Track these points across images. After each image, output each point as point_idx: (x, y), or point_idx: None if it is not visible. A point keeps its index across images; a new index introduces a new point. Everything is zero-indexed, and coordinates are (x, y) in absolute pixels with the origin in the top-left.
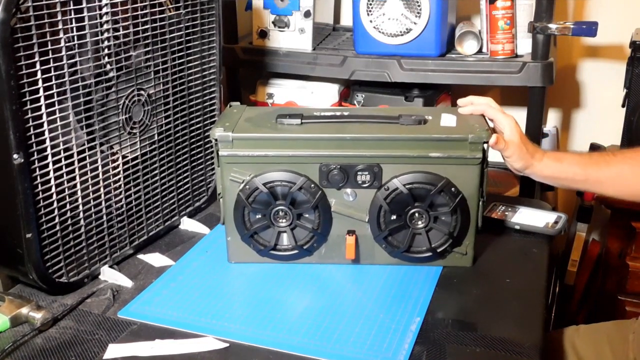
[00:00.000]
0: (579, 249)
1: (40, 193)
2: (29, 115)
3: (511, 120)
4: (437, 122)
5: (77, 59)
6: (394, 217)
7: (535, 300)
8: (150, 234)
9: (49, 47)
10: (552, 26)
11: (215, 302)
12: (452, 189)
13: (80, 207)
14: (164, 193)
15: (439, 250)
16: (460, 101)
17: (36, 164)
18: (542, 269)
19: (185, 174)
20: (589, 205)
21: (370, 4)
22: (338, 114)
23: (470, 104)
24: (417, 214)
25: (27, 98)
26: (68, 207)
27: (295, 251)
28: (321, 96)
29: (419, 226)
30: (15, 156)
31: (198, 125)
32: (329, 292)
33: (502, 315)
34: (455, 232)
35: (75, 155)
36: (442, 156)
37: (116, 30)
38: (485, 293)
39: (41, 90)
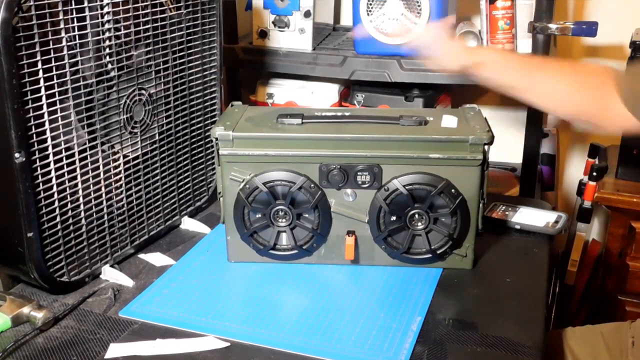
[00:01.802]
0: (579, 249)
1: (42, 192)
2: (31, 114)
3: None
4: (437, 123)
5: (79, 58)
6: (393, 218)
7: (535, 300)
8: (151, 233)
9: (51, 46)
10: (552, 26)
11: (216, 301)
12: (452, 190)
13: (82, 206)
14: (164, 192)
15: (438, 251)
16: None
17: (37, 163)
18: (542, 269)
19: (186, 174)
20: (589, 205)
21: (370, 4)
22: (339, 114)
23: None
24: (416, 215)
25: (29, 97)
26: (69, 206)
27: (295, 251)
28: (321, 96)
29: (419, 227)
30: (16, 155)
31: (199, 125)
32: (329, 291)
33: (502, 314)
34: (455, 233)
35: (76, 154)
36: (442, 157)
37: (117, 29)
38: (485, 293)
39: (43, 90)
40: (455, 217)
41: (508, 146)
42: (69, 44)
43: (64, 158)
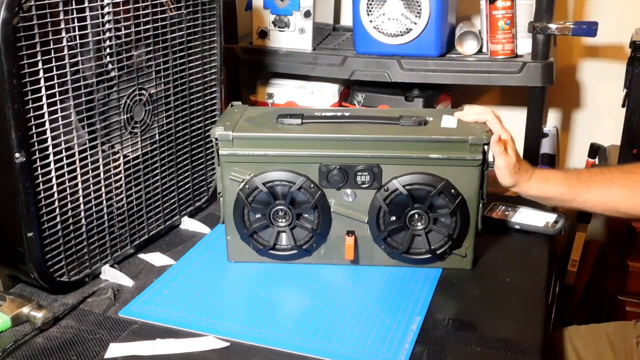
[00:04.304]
0: (579, 249)
1: (42, 192)
2: (31, 114)
3: (510, 136)
4: (437, 124)
5: (79, 58)
6: (393, 218)
7: (535, 300)
8: (151, 233)
9: (51, 46)
10: (552, 26)
11: (216, 301)
12: (452, 190)
13: (82, 206)
14: (164, 192)
15: (438, 252)
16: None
17: (38, 163)
18: (542, 269)
19: (186, 174)
20: None
21: (370, 4)
22: (339, 114)
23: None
24: (416, 216)
25: (29, 97)
26: (69, 206)
27: (295, 251)
28: (321, 96)
29: (419, 227)
30: (17, 155)
31: (199, 125)
32: (329, 291)
33: (502, 314)
34: (455, 234)
35: (76, 154)
36: (442, 157)
37: (118, 30)
38: (485, 293)
39: (43, 90)
40: (455, 217)
41: None
42: (69, 43)
43: (64, 158)
